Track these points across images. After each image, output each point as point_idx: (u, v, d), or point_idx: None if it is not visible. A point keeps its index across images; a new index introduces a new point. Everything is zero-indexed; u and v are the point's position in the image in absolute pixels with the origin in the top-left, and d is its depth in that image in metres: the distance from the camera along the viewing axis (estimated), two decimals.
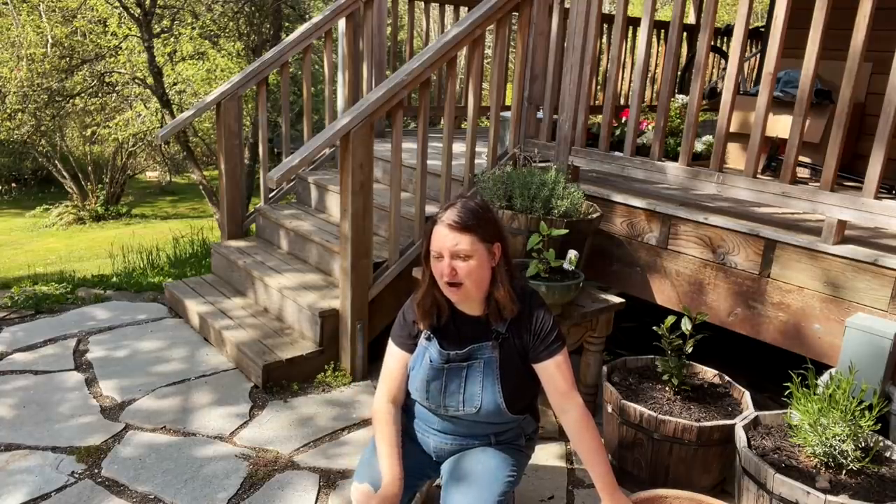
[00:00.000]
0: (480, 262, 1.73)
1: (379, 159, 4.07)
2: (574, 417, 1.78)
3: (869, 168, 2.41)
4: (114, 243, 7.73)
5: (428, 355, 1.86)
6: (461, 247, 1.70)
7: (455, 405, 1.85)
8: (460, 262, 1.71)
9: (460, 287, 1.73)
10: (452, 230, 1.71)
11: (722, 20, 12.77)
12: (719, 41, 6.49)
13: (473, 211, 1.74)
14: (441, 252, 1.72)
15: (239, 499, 2.38)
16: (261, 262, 3.81)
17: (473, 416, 1.85)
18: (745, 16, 2.62)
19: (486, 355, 1.83)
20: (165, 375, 3.21)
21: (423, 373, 1.86)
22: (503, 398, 1.83)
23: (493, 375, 1.82)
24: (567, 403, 1.79)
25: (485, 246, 1.74)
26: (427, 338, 1.87)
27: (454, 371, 1.84)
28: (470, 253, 1.71)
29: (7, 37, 9.23)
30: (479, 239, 1.72)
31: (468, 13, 3.24)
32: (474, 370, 1.83)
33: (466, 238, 1.71)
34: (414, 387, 1.90)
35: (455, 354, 1.83)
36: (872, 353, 2.27)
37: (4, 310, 3.90)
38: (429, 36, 5.39)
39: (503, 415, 1.86)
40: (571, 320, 2.75)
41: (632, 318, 3.46)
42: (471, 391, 1.83)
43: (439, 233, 1.73)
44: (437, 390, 1.85)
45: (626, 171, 3.14)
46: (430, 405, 1.89)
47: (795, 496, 1.93)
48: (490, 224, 1.76)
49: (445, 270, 1.72)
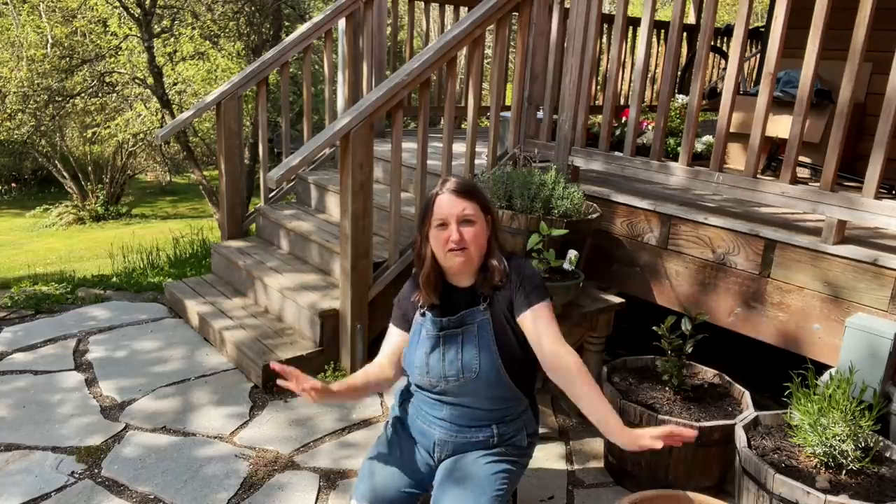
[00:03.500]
0: (482, 229, 1.83)
1: (379, 159, 4.07)
2: (571, 362, 1.74)
3: (869, 168, 2.41)
4: (114, 243, 7.73)
5: (424, 329, 1.90)
6: (468, 211, 1.80)
7: (455, 373, 1.85)
8: (467, 226, 1.79)
9: (464, 251, 1.79)
10: (458, 196, 1.80)
11: (722, 20, 12.77)
12: (719, 41, 6.49)
13: (470, 182, 1.88)
14: (447, 219, 1.79)
15: (239, 499, 2.38)
16: (261, 262, 3.81)
17: (474, 381, 1.84)
18: (745, 16, 2.62)
19: (478, 318, 1.86)
20: (165, 375, 3.21)
21: (422, 346, 1.89)
22: (500, 360, 1.85)
23: (488, 337, 1.85)
24: (561, 349, 1.77)
25: (483, 215, 1.84)
26: (422, 314, 1.91)
27: (450, 338, 1.86)
28: (475, 218, 1.81)
29: (7, 37, 9.23)
30: (479, 207, 1.83)
31: (468, 13, 3.24)
32: (469, 334, 1.86)
33: (471, 204, 1.81)
34: (414, 365, 1.90)
35: (448, 321, 1.87)
36: (872, 353, 2.27)
37: (4, 310, 3.90)
38: (429, 36, 5.40)
39: (503, 382, 1.85)
40: (571, 320, 2.75)
41: (632, 318, 3.46)
42: (469, 355, 1.85)
43: (444, 200, 1.80)
44: (436, 361, 1.86)
45: (626, 171, 3.14)
46: (432, 380, 1.88)
47: (795, 496, 1.93)
48: (484, 195, 1.88)
49: (454, 236, 1.77)
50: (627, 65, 5.84)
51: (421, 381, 1.92)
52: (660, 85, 3.35)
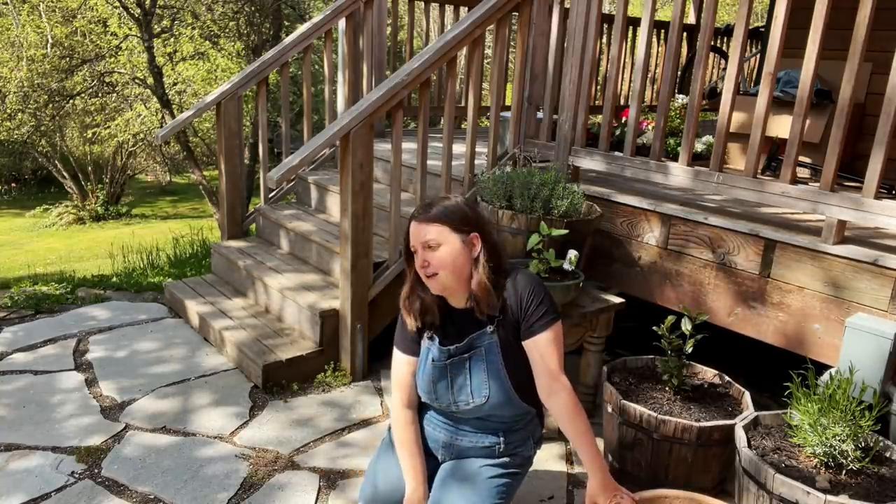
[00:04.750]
0: (452, 251, 1.75)
1: (379, 159, 4.07)
2: (563, 401, 1.76)
3: (869, 168, 2.41)
4: (114, 243, 7.73)
5: (430, 356, 1.86)
6: (430, 237, 1.76)
7: (465, 399, 1.84)
8: (430, 251, 1.76)
9: (436, 277, 1.76)
10: (420, 223, 1.78)
11: (722, 20, 12.77)
12: (719, 41, 6.49)
13: (443, 204, 1.80)
14: (415, 246, 1.79)
15: (239, 499, 2.38)
16: (261, 262, 3.81)
17: (483, 406, 1.83)
18: (745, 16, 2.62)
19: (486, 342, 1.83)
20: (165, 375, 3.21)
21: (428, 374, 1.86)
22: (511, 383, 1.83)
23: (496, 361, 1.82)
24: (555, 384, 1.78)
25: (457, 236, 1.76)
26: (429, 337, 1.88)
27: (458, 365, 1.84)
28: (438, 242, 1.75)
29: (7, 37, 9.24)
30: (449, 229, 1.76)
31: (468, 13, 3.24)
32: (477, 359, 1.83)
33: (433, 228, 1.76)
34: (422, 389, 1.89)
35: (456, 349, 1.84)
36: (872, 353, 2.27)
37: (4, 310, 3.90)
38: (429, 36, 5.41)
39: (513, 402, 1.85)
40: (571, 320, 2.75)
41: (632, 318, 3.46)
42: (478, 381, 1.83)
43: (412, 229, 1.80)
44: (444, 388, 1.85)
45: (626, 171, 3.14)
46: (440, 405, 1.88)
47: (795, 496, 1.93)
48: (462, 214, 1.79)
49: (419, 262, 1.78)
50: (627, 65, 5.84)
51: (428, 402, 1.93)
52: (660, 85, 3.35)
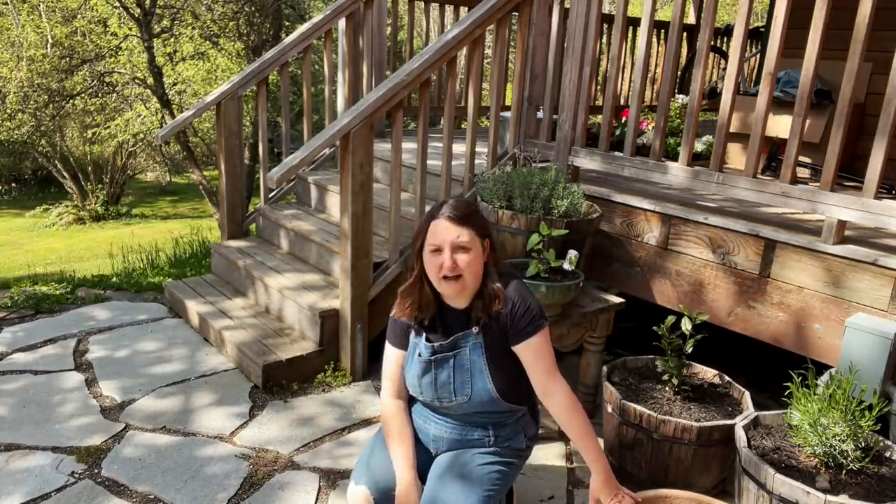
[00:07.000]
0: (477, 255, 1.80)
1: (379, 159, 4.07)
2: (560, 401, 1.79)
3: (869, 168, 2.41)
4: (114, 243, 7.74)
5: (418, 350, 1.90)
6: (463, 239, 1.76)
7: (448, 395, 1.87)
8: (462, 254, 1.76)
9: (459, 280, 1.77)
10: (454, 223, 1.77)
11: (722, 20, 12.77)
12: (719, 41, 6.49)
13: (469, 206, 1.84)
14: (441, 245, 1.77)
15: (239, 499, 2.38)
16: (261, 262, 3.81)
17: (466, 404, 1.86)
18: (745, 16, 2.62)
19: (471, 342, 1.85)
20: (165, 375, 3.21)
21: (414, 368, 1.90)
22: (493, 384, 1.85)
23: (480, 362, 1.85)
24: (551, 386, 1.81)
25: (479, 241, 1.81)
26: (417, 333, 1.91)
27: (442, 362, 1.86)
28: (470, 245, 1.77)
29: (7, 37, 9.23)
30: (476, 233, 1.80)
31: (468, 13, 3.24)
32: (462, 358, 1.85)
33: (467, 231, 1.77)
34: (409, 383, 1.93)
35: (440, 346, 1.86)
36: (872, 353, 2.27)
37: (4, 310, 3.90)
38: (429, 36, 5.40)
39: (497, 403, 1.87)
40: (571, 320, 2.75)
41: (632, 318, 3.46)
42: (460, 380, 1.85)
43: (440, 226, 1.78)
44: (428, 383, 1.88)
45: (626, 171, 3.14)
46: (425, 399, 1.92)
47: (795, 496, 1.93)
48: (482, 220, 1.86)
49: (447, 263, 1.75)
50: (627, 65, 5.84)
51: (415, 396, 1.96)
52: (660, 85, 3.35)
